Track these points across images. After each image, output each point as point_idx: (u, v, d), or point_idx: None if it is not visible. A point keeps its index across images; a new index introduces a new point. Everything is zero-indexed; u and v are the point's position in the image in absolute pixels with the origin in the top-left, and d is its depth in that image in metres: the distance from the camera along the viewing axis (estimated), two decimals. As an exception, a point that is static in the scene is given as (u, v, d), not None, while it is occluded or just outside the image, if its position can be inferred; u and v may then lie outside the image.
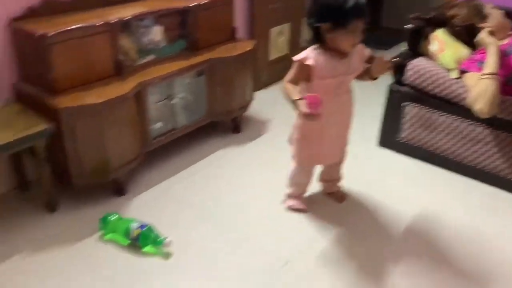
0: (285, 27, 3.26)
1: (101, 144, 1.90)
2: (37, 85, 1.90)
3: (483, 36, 2.10)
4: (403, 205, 2.10)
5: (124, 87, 1.95)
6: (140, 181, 2.20)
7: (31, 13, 1.91)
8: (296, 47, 1.73)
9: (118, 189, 2.07)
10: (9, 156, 1.96)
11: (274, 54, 3.26)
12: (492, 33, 2.11)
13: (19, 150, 1.82)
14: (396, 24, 4.33)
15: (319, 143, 1.85)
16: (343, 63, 1.71)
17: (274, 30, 3.19)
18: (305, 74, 1.70)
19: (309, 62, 1.67)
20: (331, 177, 2.10)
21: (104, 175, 1.97)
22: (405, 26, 2.37)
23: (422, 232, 1.95)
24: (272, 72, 3.26)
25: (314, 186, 2.16)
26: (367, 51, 1.79)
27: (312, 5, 1.69)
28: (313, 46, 1.71)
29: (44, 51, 1.77)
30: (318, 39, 1.68)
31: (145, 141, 2.14)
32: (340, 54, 1.70)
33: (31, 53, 1.85)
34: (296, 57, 1.71)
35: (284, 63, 1.76)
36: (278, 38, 3.24)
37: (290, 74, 1.72)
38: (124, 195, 2.09)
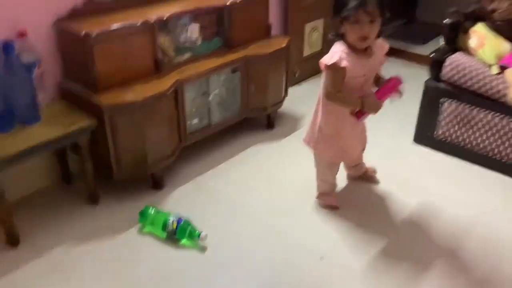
0: (319, 23, 3.25)
1: (141, 140, 1.96)
2: (80, 83, 1.97)
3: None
4: (440, 203, 2.07)
5: (162, 85, 2.01)
6: (177, 175, 2.25)
7: (75, 13, 1.98)
8: (330, 43, 1.75)
9: (156, 183, 2.14)
10: (54, 150, 2.05)
11: (308, 50, 3.26)
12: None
13: (64, 145, 1.91)
14: (433, 18, 4.25)
15: (346, 140, 1.87)
16: (371, 61, 1.72)
17: (308, 26, 3.18)
18: (343, 76, 1.68)
19: (344, 64, 1.65)
20: (356, 162, 2.13)
21: (143, 170, 2.04)
22: (443, 21, 2.32)
23: (458, 232, 1.92)
24: (306, 68, 3.26)
25: (345, 183, 2.17)
26: (387, 46, 1.80)
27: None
28: (337, 44, 1.71)
29: (88, 50, 1.84)
30: (338, 35, 1.70)
31: (181, 136, 2.20)
32: (366, 52, 1.70)
33: (75, 52, 1.93)
34: (327, 61, 1.68)
35: (318, 59, 1.77)
36: (312, 34, 3.24)
37: (331, 84, 1.69)
38: (162, 189, 2.15)
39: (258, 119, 2.70)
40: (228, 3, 2.32)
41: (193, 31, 2.24)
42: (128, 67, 2.00)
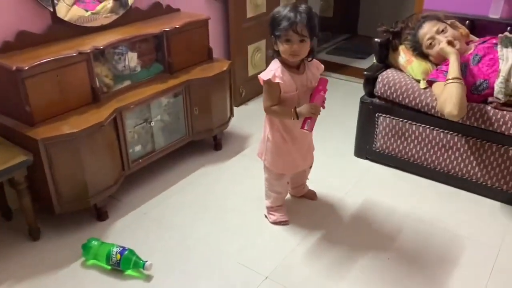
0: (261, 44, 3.34)
1: (80, 172, 1.94)
2: (14, 117, 1.94)
3: (442, 46, 2.18)
4: (380, 211, 2.17)
5: (100, 115, 2.00)
6: (121, 204, 2.23)
7: (6, 47, 1.96)
8: (270, 60, 1.85)
9: (99, 214, 2.11)
10: (-9, 187, 2.00)
11: (252, 70, 3.33)
12: (450, 42, 2.19)
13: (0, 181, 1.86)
14: (372, 33, 4.45)
15: (292, 152, 1.94)
16: (301, 78, 1.82)
17: (251, 47, 3.26)
18: (278, 90, 1.79)
19: (277, 80, 1.76)
20: (300, 182, 2.21)
21: (84, 202, 2.01)
22: (374, 40, 2.45)
23: (397, 236, 2.01)
24: (251, 88, 3.33)
25: (289, 200, 2.22)
26: (321, 66, 1.91)
27: None
28: (273, 61, 1.83)
29: (20, 84, 1.82)
30: (275, 51, 1.81)
31: (124, 164, 2.18)
32: (297, 68, 1.82)
33: (7, 86, 1.89)
34: (263, 76, 1.79)
35: (263, 78, 1.85)
36: (256, 54, 3.31)
37: (267, 97, 1.81)
38: (106, 219, 2.12)
39: (205, 141, 2.72)
40: (166, 29, 2.35)
41: (131, 59, 2.25)
42: (64, 99, 1.98)
